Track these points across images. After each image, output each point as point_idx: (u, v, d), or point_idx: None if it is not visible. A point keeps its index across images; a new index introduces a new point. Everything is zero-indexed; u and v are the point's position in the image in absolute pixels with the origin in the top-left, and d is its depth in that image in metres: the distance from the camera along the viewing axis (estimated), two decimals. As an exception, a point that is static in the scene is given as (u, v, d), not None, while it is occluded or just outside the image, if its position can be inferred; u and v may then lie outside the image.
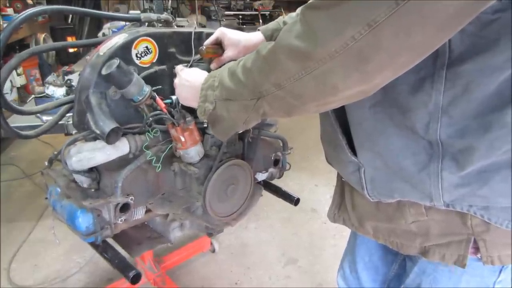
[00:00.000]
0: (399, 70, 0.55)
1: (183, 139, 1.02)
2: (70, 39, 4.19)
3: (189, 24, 2.60)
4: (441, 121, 0.66)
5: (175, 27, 1.28)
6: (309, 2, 0.56)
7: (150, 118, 0.99)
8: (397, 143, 0.72)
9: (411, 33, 0.48)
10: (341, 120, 0.81)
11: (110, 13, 1.36)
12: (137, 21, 1.24)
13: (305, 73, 0.57)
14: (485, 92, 0.61)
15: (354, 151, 0.81)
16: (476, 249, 0.75)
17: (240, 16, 6.33)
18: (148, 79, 1.00)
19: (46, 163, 1.06)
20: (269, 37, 1.09)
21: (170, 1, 2.98)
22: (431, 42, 0.51)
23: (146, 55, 1.04)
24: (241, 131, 0.83)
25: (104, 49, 0.97)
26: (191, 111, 0.96)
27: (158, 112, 0.98)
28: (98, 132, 0.94)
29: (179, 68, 0.98)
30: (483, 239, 0.74)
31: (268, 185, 1.45)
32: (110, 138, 0.94)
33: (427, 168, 0.71)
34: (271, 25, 1.12)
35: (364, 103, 0.72)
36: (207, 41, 1.08)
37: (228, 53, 1.06)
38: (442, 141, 0.67)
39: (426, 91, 0.65)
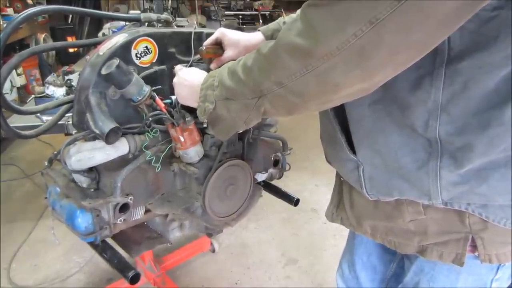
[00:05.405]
0: (400, 67, 0.56)
1: (182, 139, 1.02)
2: (70, 39, 4.20)
3: (189, 24, 2.59)
4: (440, 119, 0.66)
5: (175, 27, 1.28)
6: (310, 0, 0.56)
7: (150, 118, 0.99)
8: (396, 140, 0.72)
9: (412, 30, 0.49)
10: (340, 118, 0.81)
11: (110, 13, 1.36)
12: (137, 21, 1.24)
13: (307, 71, 0.57)
14: (484, 90, 0.61)
15: (353, 150, 0.81)
16: (474, 247, 0.76)
17: (240, 16, 6.32)
18: (148, 79, 1.00)
19: (46, 163, 1.06)
20: (269, 37, 1.09)
21: (170, 1, 2.99)
22: (432, 39, 0.51)
23: (146, 55, 1.04)
24: (241, 131, 0.83)
25: (103, 49, 0.97)
26: (191, 111, 0.96)
27: (157, 112, 0.98)
28: (97, 132, 0.94)
29: (178, 68, 0.98)
30: (481, 237, 0.74)
31: (268, 186, 1.45)
32: (109, 138, 0.94)
33: (426, 166, 0.71)
34: (272, 25, 1.12)
35: (363, 101, 0.72)
36: (207, 41, 1.08)
37: (228, 53, 1.06)
38: (441, 139, 0.67)
39: (426, 89, 0.65)
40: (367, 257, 1.12)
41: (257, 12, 6.46)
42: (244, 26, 5.91)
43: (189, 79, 0.89)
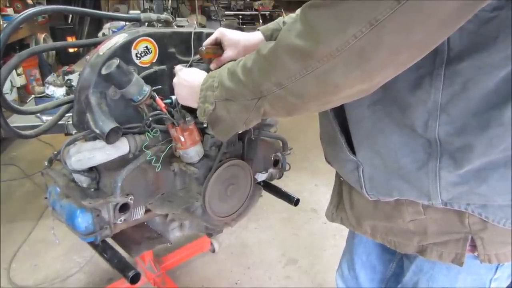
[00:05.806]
0: (400, 68, 0.56)
1: (182, 139, 1.02)
2: (70, 39, 4.21)
3: (189, 24, 2.60)
4: (440, 119, 0.66)
5: (175, 27, 1.29)
6: (309, 1, 0.56)
7: (150, 118, 0.99)
8: (396, 141, 0.73)
9: (412, 30, 0.49)
10: (340, 119, 0.82)
11: (110, 13, 1.36)
12: (137, 21, 1.24)
13: (306, 72, 0.57)
14: (483, 90, 0.62)
15: (353, 150, 0.81)
16: (473, 247, 0.76)
17: (240, 16, 6.32)
18: (148, 79, 1.01)
19: (46, 163, 1.06)
20: (269, 37, 1.09)
21: (170, 1, 2.99)
22: (432, 39, 0.52)
23: (146, 55, 1.04)
24: (241, 131, 0.83)
25: (103, 49, 0.97)
26: (191, 111, 0.97)
27: (158, 112, 0.99)
28: (97, 131, 0.94)
29: (178, 68, 0.98)
30: (481, 237, 0.74)
31: (268, 186, 1.45)
32: (109, 137, 0.94)
33: (426, 167, 0.71)
34: (271, 25, 1.12)
35: (363, 102, 0.72)
36: (207, 41, 1.08)
37: (228, 53, 1.06)
38: (441, 139, 0.68)
39: (425, 89, 0.65)
40: (367, 257, 1.13)
41: (257, 12, 6.46)
42: (244, 26, 5.90)
43: (189, 80, 0.89)
